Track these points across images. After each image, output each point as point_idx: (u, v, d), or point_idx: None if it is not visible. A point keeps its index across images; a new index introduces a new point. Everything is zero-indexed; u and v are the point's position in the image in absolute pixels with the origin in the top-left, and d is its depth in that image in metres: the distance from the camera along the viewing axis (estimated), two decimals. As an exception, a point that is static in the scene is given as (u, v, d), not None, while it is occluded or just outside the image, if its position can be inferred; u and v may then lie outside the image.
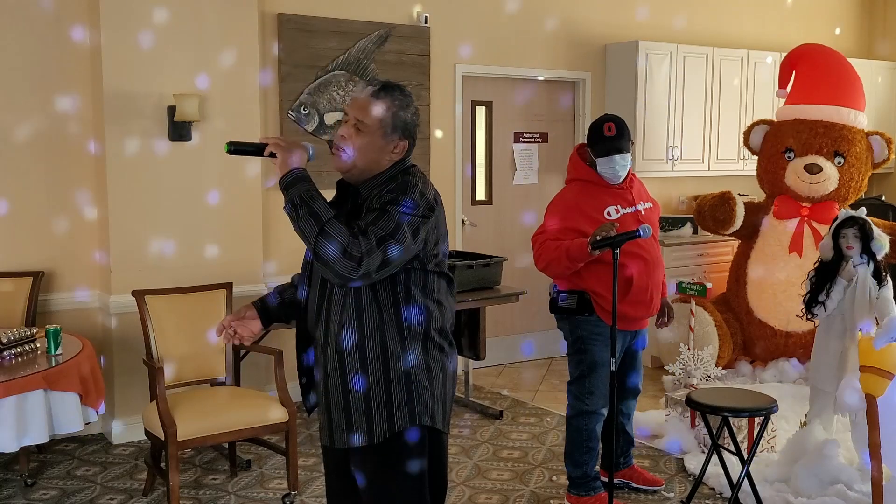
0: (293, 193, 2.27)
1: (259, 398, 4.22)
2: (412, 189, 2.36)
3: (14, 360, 3.84)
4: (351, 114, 2.43)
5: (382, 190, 2.38)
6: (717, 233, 6.28)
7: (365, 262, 2.22)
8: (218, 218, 5.12)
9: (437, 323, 2.46)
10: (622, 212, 3.89)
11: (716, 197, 6.16)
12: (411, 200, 2.33)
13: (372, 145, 2.40)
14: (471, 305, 5.32)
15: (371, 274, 2.26)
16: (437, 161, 6.17)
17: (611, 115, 3.95)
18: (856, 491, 4.00)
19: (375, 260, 2.24)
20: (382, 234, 2.26)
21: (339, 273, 2.23)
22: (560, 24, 6.65)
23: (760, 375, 5.98)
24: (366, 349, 2.38)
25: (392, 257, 2.27)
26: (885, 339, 3.85)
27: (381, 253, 2.24)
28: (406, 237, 2.29)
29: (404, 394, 2.40)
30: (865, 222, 4.21)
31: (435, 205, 2.41)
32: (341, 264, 2.21)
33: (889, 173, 8.14)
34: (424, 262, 2.42)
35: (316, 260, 2.27)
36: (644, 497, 4.24)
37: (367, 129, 2.40)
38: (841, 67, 6.30)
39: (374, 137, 2.40)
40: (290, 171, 2.31)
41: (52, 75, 4.88)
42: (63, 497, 4.24)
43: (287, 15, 5.52)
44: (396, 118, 2.42)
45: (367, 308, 2.38)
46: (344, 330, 2.39)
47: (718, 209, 6.09)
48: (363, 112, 2.40)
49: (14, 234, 4.86)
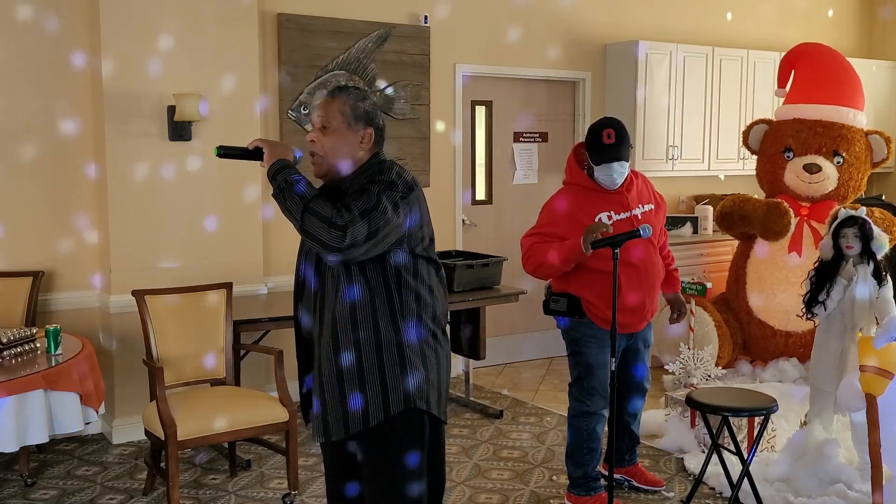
0: (279, 179, 2.40)
1: (259, 398, 4.22)
2: (389, 170, 2.49)
3: (14, 360, 3.84)
4: (315, 120, 2.55)
5: (362, 180, 2.48)
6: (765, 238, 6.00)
7: (350, 231, 2.30)
8: (218, 218, 5.11)
9: (430, 310, 2.53)
10: (615, 218, 3.86)
11: (768, 206, 5.90)
12: (388, 178, 2.44)
13: (340, 140, 2.51)
14: (471, 305, 5.32)
15: (359, 244, 2.32)
16: (438, 161, 6.17)
17: (610, 120, 3.87)
18: (856, 491, 4.00)
19: (361, 230, 2.32)
20: (364, 208, 2.35)
21: (326, 244, 2.31)
22: (560, 24, 6.65)
23: (760, 375, 5.98)
24: (359, 333, 2.45)
25: (377, 228, 2.34)
26: (885, 338, 3.85)
27: (365, 224, 2.33)
28: (388, 210, 2.37)
29: (398, 377, 2.46)
30: (865, 222, 4.21)
31: (413, 186, 2.50)
32: (327, 234, 2.30)
33: (889, 172, 8.15)
34: (412, 245, 2.49)
35: (304, 236, 2.37)
36: (644, 497, 4.24)
37: (332, 125, 2.52)
38: (840, 67, 6.30)
39: (340, 132, 2.51)
40: (276, 161, 2.44)
41: (52, 80, 4.89)
42: (63, 497, 4.24)
43: (287, 15, 5.52)
44: (356, 108, 2.54)
45: (359, 295, 2.45)
46: (337, 316, 2.46)
47: (774, 220, 5.83)
48: (325, 112, 2.53)
49: (14, 234, 4.86)
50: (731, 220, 6.17)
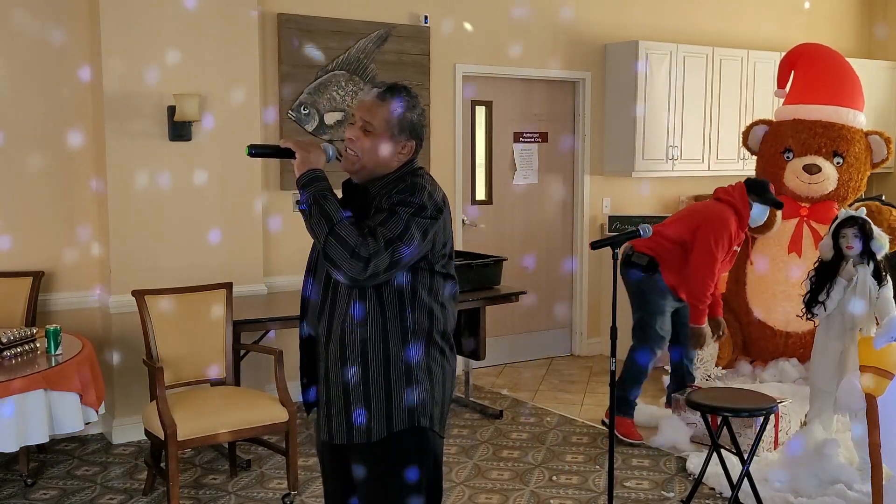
0: (308, 193, 2.32)
1: (259, 398, 4.22)
2: (420, 191, 2.37)
3: (14, 360, 3.84)
4: (358, 116, 2.44)
5: (391, 190, 2.39)
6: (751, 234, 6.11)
7: (373, 263, 2.25)
8: (218, 218, 5.12)
9: (441, 325, 2.47)
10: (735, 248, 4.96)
11: None
12: (420, 202, 2.35)
13: (379, 146, 2.42)
14: (471, 305, 5.32)
15: (379, 274, 2.29)
16: (438, 161, 6.17)
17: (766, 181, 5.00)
18: (856, 491, 4.00)
19: (384, 261, 2.27)
20: (391, 236, 2.28)
21: (347, 274, 2.26)
22: (560, 24, 6.65)
23: (760, 375, 5.97)
24: (367, 348, 2.39)
25: (400, 258, 2.30)
26: (885, 338, 3.85)
27: (389, 254, 2.27)
28: (414, 239, 2.31)
29: (404, 394, 2.41)
30: (865, 222, 4.21)
31: (443, 206, 2.43)
32: (349, 265, 2.24)
33: (889, 173, 8.15)
34: (432, 263, 2.43)
35: (325, 259, 2.29)
36: (644, 497, 4.24)
37: (375, 130, 2.42)
38: (840, 67, 6.29)
39: (382, 139, 2.42)
40: (307, 171, 2.35)
41: (52, 76, 4.89)
42: (63, 497, 4.24)
43: (287, 15, 5.52)
44: (403, 119, 2.43)
45: (371, 307, 2.38)
46: (347, 328, 2.40)
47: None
48: (370, 114, 2.42)
49: (14, 234, 4.85)
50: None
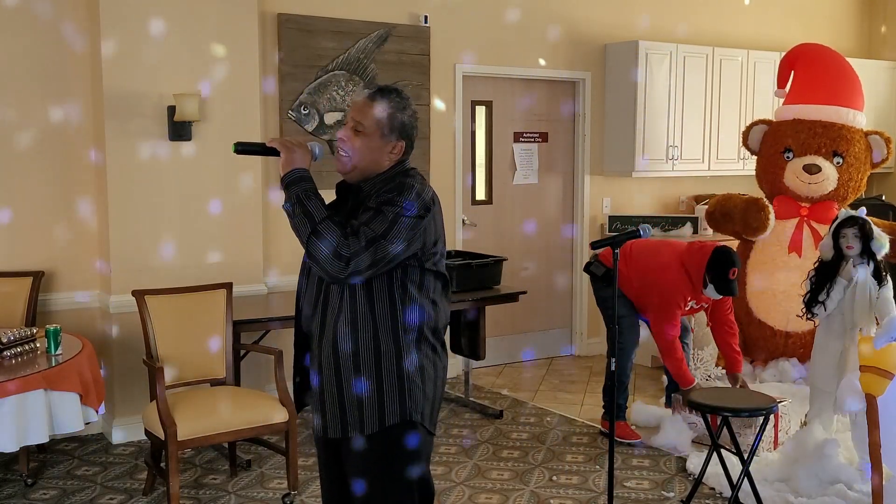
0: (292, 192, 2.36)
1: (259, 398, 4.22)
2: (408, 190, 2.42)
3: (14, 360, 3.84)
4: (350, 116, 2.50)
5: (381, 189, 2.44)
6: (741, 237, 6.15)
7: (353, 262, 2.29)
8: (218, 218, 5.11)
9: (432, 322, 2.51)
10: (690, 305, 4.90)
11: (747, 202, 5.95)
12: (407, 201, 2.38)
13: (370, 146, 2.47)
14: (471, 305, 5.32)
15: (361, 272, 2.33)
16: (438, 161, 6.17)
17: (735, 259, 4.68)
18: (856, 491, 4.00)
19: (365, 260, 2.31)
20: (373, 235, 2.32)
21: (328, 272, 2.31)
22: (560, 24, 6.64)
23: (760, 375, 5.97)
24: (359, 345, 2.43)
25: (383, 257, 2.34)
26: (885, 339, 3.85)
27: (370, 254, 2.31)
28: (398, 237, 2.35)
29: (395, 389, 2.45)
30: (865, 222, 4.21)
31: (431, 204, 2.46)
32: (330, 264, 2.30)
33: (889, 173, 8.14)
34: (422, 260, 2.46)
35: (308, 258, 2.36)
36: (644, 497, 4.24)
37: (366, 130, 2.47)
38: (840, 67, 6.29)
39: (373, 139, 2.47)
40: (291, 171, 2.40)
41: (52, 80, 4.89)
42: (63, 497, 4.24)
43: (287, 15, 5.52)
44: (394, 119, 2.48)
45: (362, 304, 2.43)
46: (339, 325, 2.44)
47: (752, 216, 5.90)
48: (361, 114, 2.48)
49: (14, 234, 4.86)
50: (716, 219, 6.20)
